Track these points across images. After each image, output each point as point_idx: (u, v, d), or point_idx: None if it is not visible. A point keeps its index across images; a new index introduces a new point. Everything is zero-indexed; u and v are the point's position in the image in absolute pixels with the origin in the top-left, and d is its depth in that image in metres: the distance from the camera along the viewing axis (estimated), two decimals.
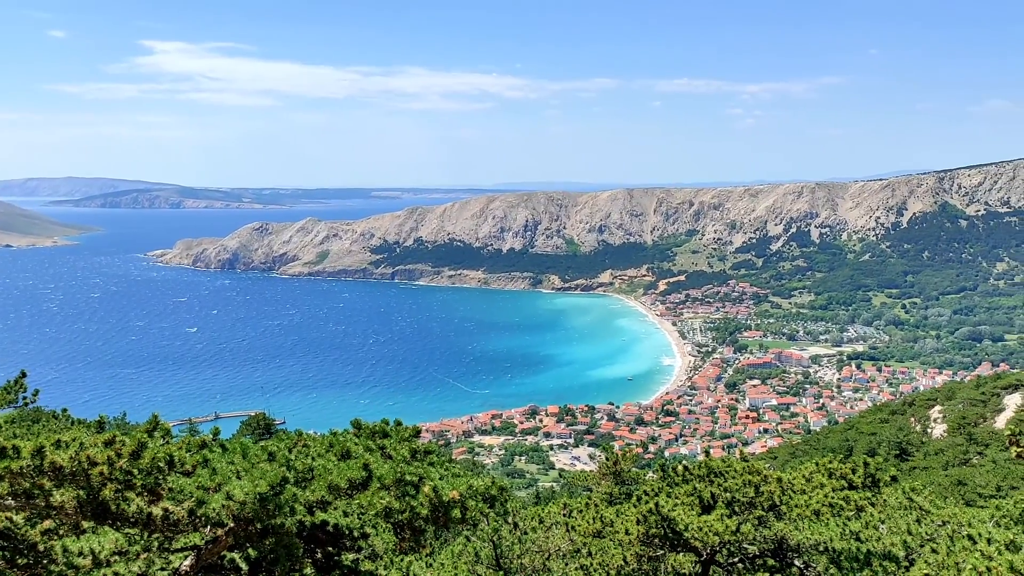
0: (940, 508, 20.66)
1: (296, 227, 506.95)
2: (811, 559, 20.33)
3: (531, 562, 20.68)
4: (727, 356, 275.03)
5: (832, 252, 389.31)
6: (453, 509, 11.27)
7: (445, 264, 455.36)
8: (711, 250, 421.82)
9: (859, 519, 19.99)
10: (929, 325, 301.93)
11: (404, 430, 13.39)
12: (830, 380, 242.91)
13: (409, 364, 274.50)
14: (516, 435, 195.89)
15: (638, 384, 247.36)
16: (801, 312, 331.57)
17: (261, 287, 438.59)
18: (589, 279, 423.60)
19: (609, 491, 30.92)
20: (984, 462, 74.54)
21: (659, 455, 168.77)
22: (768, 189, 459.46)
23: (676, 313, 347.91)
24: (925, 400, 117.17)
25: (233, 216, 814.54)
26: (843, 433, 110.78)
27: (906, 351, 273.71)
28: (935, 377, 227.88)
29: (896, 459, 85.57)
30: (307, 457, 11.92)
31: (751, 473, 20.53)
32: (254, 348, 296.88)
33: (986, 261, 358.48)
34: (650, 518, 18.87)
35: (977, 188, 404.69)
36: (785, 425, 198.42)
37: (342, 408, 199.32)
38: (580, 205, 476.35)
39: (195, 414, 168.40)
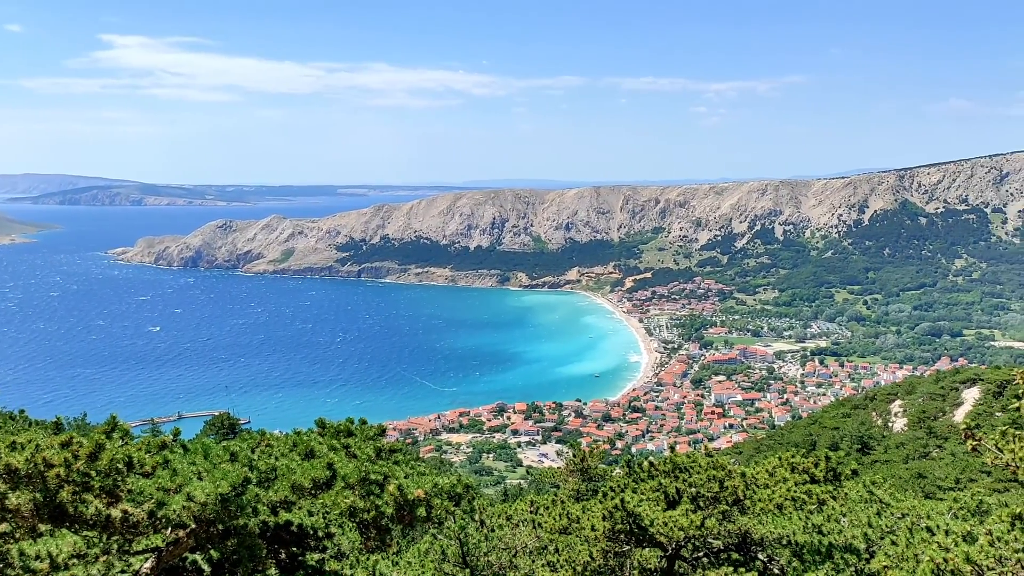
0: (900, 501, 21.01)
1: (261, 224, 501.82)
2: (774, 552, 20.57)
3: (498, 559, 20.69)
4: (693, 352, 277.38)
5: (796, 249, 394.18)
6: (419, 507, 11.22)
7: (412, 262, 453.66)
8: (677, 247, 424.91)
9: (821, 512, 20.26)
10: (890, 321, 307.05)
11: (369, 429, 13.31)
12: (794, 376, 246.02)
13: (376, 362, 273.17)
14: (484, 433, 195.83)
15: (605, 381, 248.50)
16: (765, 309, 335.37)
17: (225, 285, 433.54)
18: (556, 276, 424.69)
19: (576, 487, 31.05)
20: (943, 455, 75.98)
21: (626, 451, 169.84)
22: (733, 187, 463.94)
23: (643, 310, 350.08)
24: (886, 395, 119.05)
25: (196, 213, 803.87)
26: (806, 428, 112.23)
27: (868, 346, 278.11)
28: (896, 372, 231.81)
29: (858, 453, 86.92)
30: (270, 457, 11.80)
31: (715, 468, 20.71)
32: (219, 347, 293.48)
33: (945, 258, 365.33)
34: (616, 514, 18.96)
35: (936, 186, 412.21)
36: (750, 420, 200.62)
37: (309, 407, 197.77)
38: (547, 203, 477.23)
39: (158, 414, 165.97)
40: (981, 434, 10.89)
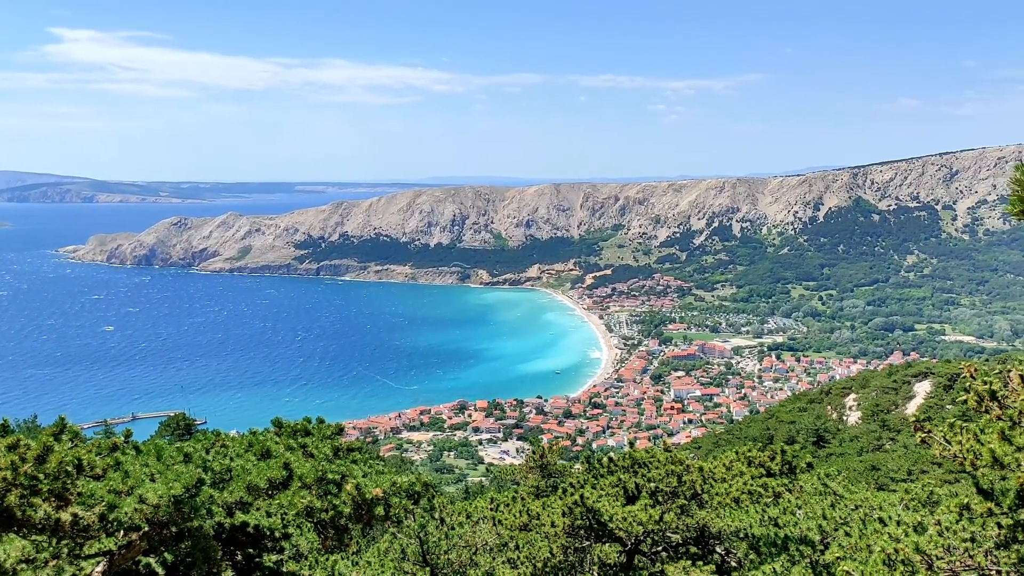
0: (853, 493, 21.39)
1: (216, 222, 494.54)
2: (732, 545, 20.82)
3: (458, 557, 20.66)
4: (653, 348, 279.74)
5: (753, 246, 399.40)
6: (377, 506, 11.14)
7: (372, 259, 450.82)
8: (636, 244, 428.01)
9: (777, 505, 20.55)
10: (844, 316, 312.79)
11: (326, 428, 13.19)
12: (751, 371, 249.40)
13: (337, 361, 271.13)
14: (445, 431, 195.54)
15: (566, 377, 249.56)
16: (724, 305, 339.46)
17: (181, 284, 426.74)
18: (517, 273, 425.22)
19: (536, 484, 31.12)
20: (896, 448, 77.64)
21: (587, 447, 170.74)
22: (691, 184, 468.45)
23: (603, 307, 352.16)
24: (841, 389, 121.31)
25: (150, 211, 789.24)
26: (764, 422, 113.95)
27: (823, 341, 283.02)
28: (850, 366, 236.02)
29: (814, 446, 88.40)
30: (225, 458, 11.63)
31: (674, 463, 20.89)
32: (175, 347, 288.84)
33: (897, 254, 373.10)
34: (575, 510, 19.04)
35: (888, 184, 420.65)
36: (709, 415, 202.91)
37: (268, 407, 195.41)
38: (508, 200, 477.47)
39: (112, 416, 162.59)
40: (930, 426, 11.13)
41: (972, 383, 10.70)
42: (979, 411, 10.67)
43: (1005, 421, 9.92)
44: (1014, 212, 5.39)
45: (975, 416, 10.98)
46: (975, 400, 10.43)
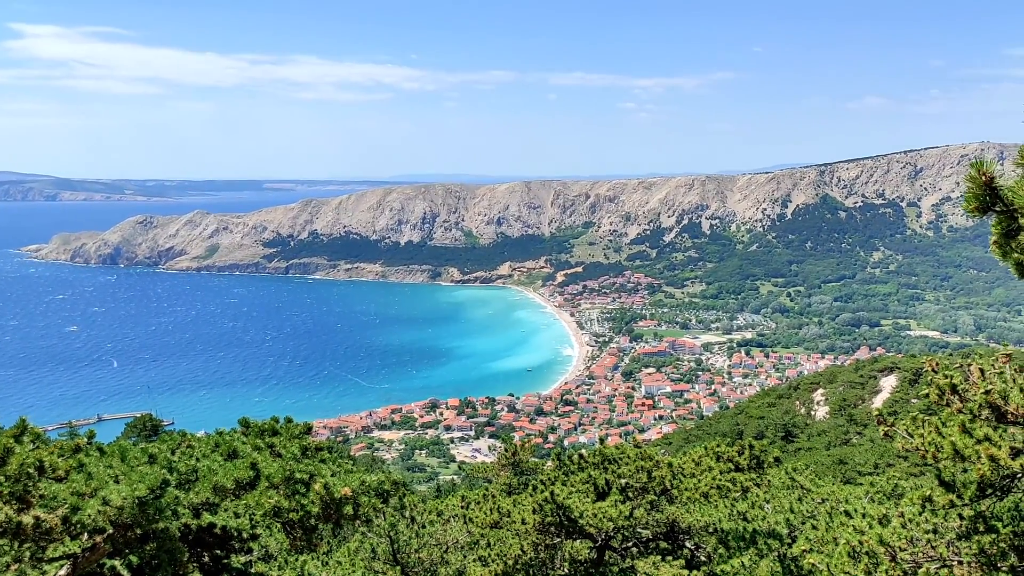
0: (820, 486, 21.68)
1: (183, 220, 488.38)
2: (701, 540, 21.00)
3: (429, 555, 20.62)
4: (623, 345, 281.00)
5: (722, 243, 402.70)
6: (345, 506, 11.08)
7: (342, 257, 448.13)
8: (607, 242, 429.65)
9: (745, 500, 20.77)
10: (812, 312, 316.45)
11: (294, 427, 13.10)
12: (721, 367, 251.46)
13: (307, 360, 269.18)
14: (416, 429, 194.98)
15: (538, 375, 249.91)
16: (693, 301, 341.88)
17: (147, 283, 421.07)
18: (488, 271, 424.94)
19: (507, 481, 31.15)
20: (863, 442, 78.79)
21: (559, 444, 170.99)
22: (661, 182, 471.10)
23: (574, 304, 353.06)
24: (809, 384, 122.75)
25: (115, 209, 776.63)
26: (734, 417, 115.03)
27: (791, 337, 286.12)
28: (818, 361, 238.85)
29: (782, 441, 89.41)
30: (191, 458, 11.50)
31: (644, 459, 21.02)
32: (141, 347, 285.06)
33: (863, 250, 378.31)
34: (546, 507, 19.09)
35: (855, 181, 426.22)
36: (679, 411, 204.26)
37: (237, 407, 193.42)
38: (478, 197, 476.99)
39: (77, 417, 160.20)
40: (892, 420, 11.30)
41: (934, 377, 10.88)
42: (941, 404, 10.84)
43: (966, 414, 10.09)
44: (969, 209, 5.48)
45: (938, 409, 11.16)
46: (936, 394, 10.60)
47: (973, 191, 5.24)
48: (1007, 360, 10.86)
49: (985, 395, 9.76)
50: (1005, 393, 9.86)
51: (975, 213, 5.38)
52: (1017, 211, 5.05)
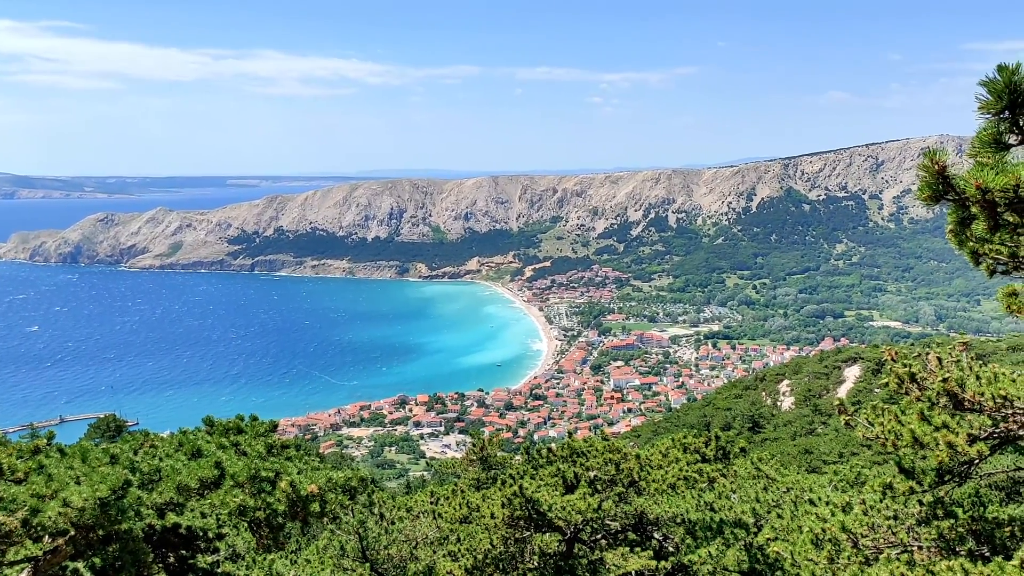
0: (785, 476, 21.97)
1: (145, 217, 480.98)
2: (669, 531, 21.17)
3: (398, 552, 20.57)
4: (592, 339, 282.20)
5: (688, 236, 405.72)
6: (312, 503, 11.01)
7: (308, 254, 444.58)
8: (575, 236, 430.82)
9: (712, 490, 20.98)
10: (777, 304, 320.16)
11: (260, 425, 12.98)
12: (689, 359, 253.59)
13: (274, 358, 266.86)
14: (386, 426, 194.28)
15: (507, 369, 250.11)
16: (661, 295, 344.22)
17: (109, 281, 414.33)
18: (456, 266, 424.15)
19: (477, 476, 31.15)
20: (828, 431, 79.93)
21: (528, 438, 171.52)
22: (628, 176, 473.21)
23: (542, 298, 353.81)
24: (775, 375, 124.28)
25: (75, 207, 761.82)
26: (701, 409, 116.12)
27: (757, 329, 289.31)
28: (784, 353, 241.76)
29: (749, 431, 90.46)
30: (154, 458, 11.35)
31: (612, 452, 21.12)
32: (104, 346, 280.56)
33: (827, 243, 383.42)
34: (515, 500, 19.12)
35: (818, 174, 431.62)
36: (648, 404, 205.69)
37: (204, 406, 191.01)
38: (446, 192, 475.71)
39: (38, 419, 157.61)
40: (853, 409, 11.48)
41: (893, 366, 11.06)
42: (900, 393, 11.03)
43: (924, 402, 10.28)
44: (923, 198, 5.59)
45: (898, 398, 11.36)
46: (896, 382, 10.78)
47: (926, 180, 5.34)
48: (964, 349, 11.08)
49: (943, 383, 9.95)
50: (962, 381, 10.06)
51: (928, 201, 5.48)
52: (968, 199, 5.15)
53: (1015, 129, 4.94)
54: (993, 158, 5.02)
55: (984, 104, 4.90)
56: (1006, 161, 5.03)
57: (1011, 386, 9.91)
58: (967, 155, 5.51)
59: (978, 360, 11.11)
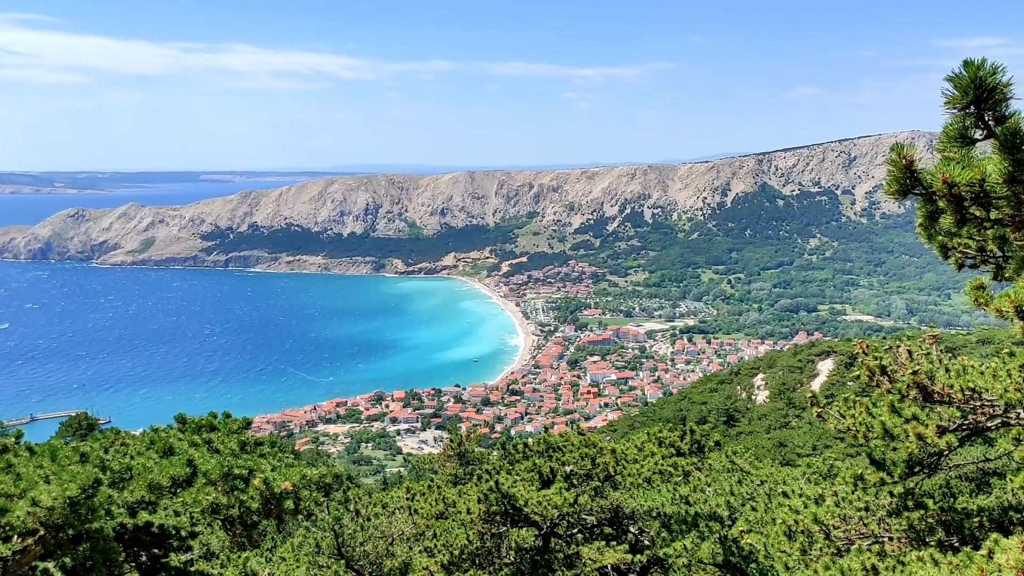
0: (759, 469, 22.16)
1: (117, 213, 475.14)
2: (645, 524, 21.30)
3: (374, 548, 20.51)
4: (569, 334, 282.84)
5: (664, 231, 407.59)
6: (286, 500, 10.93)
7: (283, 250, 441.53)
8: (551, 231, 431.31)
9: (687, 483, 21.12)
10: (752, 299, 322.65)
11: (233, 422, 12.88)
12: (664, 354, 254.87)
13: (249, 355, 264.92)
14: (362, 422, 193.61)
15: (484, 365, 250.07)
16: (637, 290, 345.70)
17: (80, 278, 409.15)
18: (433, 262, 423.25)
19: (453, 472, 31.15)
20: (802, 424, 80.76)
21: (505, 434, 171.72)
22: (604, 171, 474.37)
23: (519, 294, 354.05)
24: (749, 369, 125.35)
25: (44, 202, 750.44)
26: (677, 403, 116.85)
27: (732, 324, 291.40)
28: (758, 347, 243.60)
29: (724, 425, 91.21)
30: (125, 456, 11.22)
31: (588, 446, 21.19)
32: (77, 343, 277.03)
33: (800, 237, 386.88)
34: (491, 496, 19.14)
35: (792, 169, 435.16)
36: (624, 399, 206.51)
37: (178, 404, 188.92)
38: (422, 188, 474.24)
39: (8, 417, 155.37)
40: (825, 402, 11.60)
41: (865, 359, 11.18)
42: (872, 386, 11.15)
43: (895, 394, 10.40)
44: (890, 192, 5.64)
45: (869, 391, 11.48)
46: (867, 375, 10.90)
47: (894, 175, 5.39)
48: (934, 342, 11.23)
49: (913, 376, 10.07)
50: (932, 373, 10.19)
51: (896, 196, 5.54)
52: (935, 194, 5.21)
53: (980, 124, 5.00)
54: (959, 153, 5.08)
55: (950, 99, 4.96)
56: (972, 156, 5.09)
57: (980, 378, 10.05)
58: (935, 150, 5.56)
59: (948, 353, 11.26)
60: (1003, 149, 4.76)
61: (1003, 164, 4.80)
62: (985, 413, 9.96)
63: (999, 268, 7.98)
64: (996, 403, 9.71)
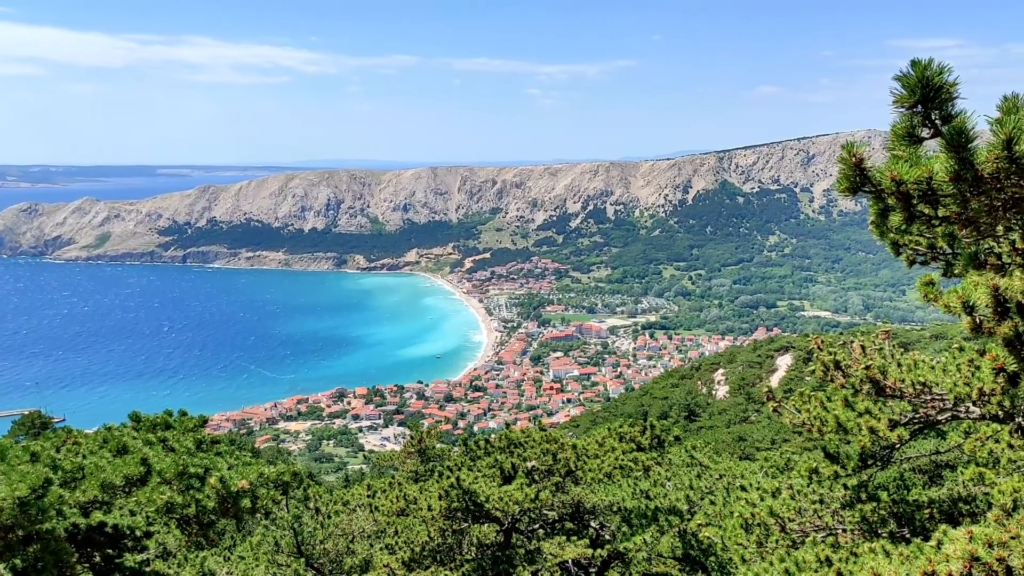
0: (717, 463, 22.42)
1: (71, 207, 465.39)
2: (606, 519, 21.44)
3: (334, 546, 20.39)
4: (532, 330, 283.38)
5: (626, 228, 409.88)
6: (243, 499, 10.82)
7: (243, 245, 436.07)
8: (514, 228, 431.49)
9: (647, 478, 21.30)
10: (712, 295, 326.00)
11: (189, 420, 12.70)
12: (627, 350, 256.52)
13: (209, 351, 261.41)
14: (324, 419, 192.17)
15: (447, 361, 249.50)
16: (599, 286, 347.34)
17: (34, 273, 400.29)
18: (395, 258, 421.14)
19: (415, 469, 31.08)
20: (761, 418, 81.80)
21: (468, 430, 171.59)
22: (567, 168, 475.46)
23: (482, 290, 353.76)
24: (710, 364, 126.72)
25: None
26: (639, 399, 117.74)
27: (693, 319, 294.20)
28: (719, 343, 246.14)
29: (686, 420, 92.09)
30: (77, 455, 11.01)
31: (549, 442, 21.26)
32: (31, 341, 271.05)
33: (760, 234, 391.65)
34: (452, 492, 19.12)
35: (752, 167, 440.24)
36: (587, 394, 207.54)
37: (136, 402, 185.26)
38: (384, 183, 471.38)
39: None
40: (781, 396, 11.76)
41: (820, 355, 11.36)
42: (827, 380, 11.33)
43: (848, 389, 10.58)
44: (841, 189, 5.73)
45: (825, 385, 11.67)
46: (822, 370, 11.08)
47: (845, 172, 5.47)
48: (886, 337, 11.44)
49: (866, 370, 10.25)
50: (884, 368, 10.37)
51: (846, 193, 5.63)
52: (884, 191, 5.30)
53: (927, 123, 5.10)
54: (907, 151, 5.18)
55: (898, 98, 5.05)
56: (920, 154, 5.19)
57: (930, 373, 10.26)
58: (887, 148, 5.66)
59: (901, 348, 11.48)
60: (949, 148, 4.87)
61: (949, 162, 4.90)
62: (935, 407, 10.18)
63: (949, 265, 8.17)
64: (946, 397, 9.92)
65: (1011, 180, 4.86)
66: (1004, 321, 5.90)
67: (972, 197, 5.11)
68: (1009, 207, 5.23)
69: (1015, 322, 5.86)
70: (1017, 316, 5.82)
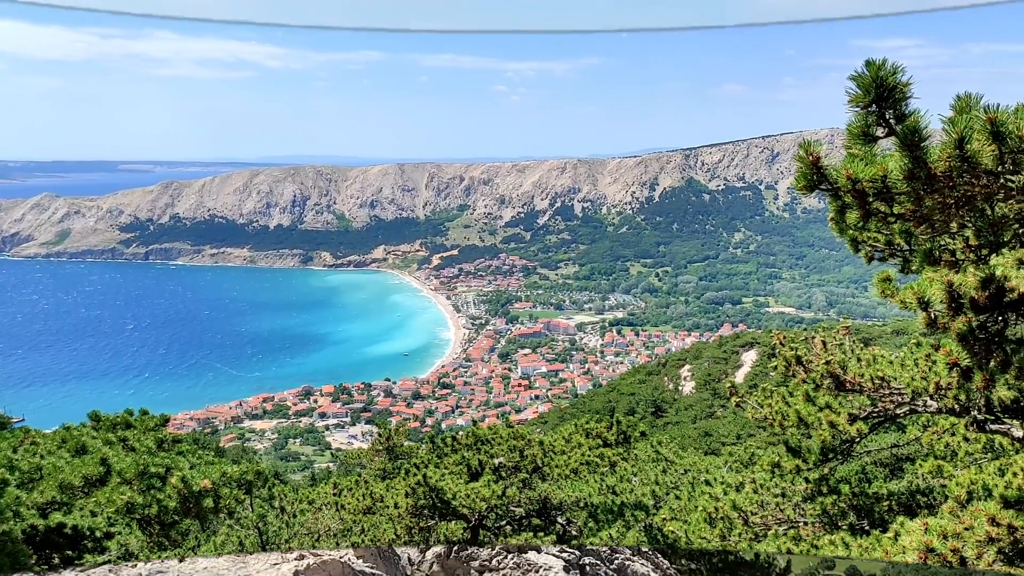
0: (683, 458, 22.63)
1: (30, 204, 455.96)
2: (572, 515, 21.54)
3: (300, 545, 20.24)
4: (500, 328, 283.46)
5: (594, 225, 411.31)
6: (205, 499, 10.72)
7: (207, 242, 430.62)
8: (482, 224, 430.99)
9: (614, 474, 21.44)
10: (679, 292, 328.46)
11: (150, 420, 12.55)
12: (594, 346, 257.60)
13: (173, 350, 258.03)
14: (290, 418, 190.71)
15: (415, 359, 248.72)
16: (567, 283, 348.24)
17: None
18: (362, 255, 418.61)
19: (382, 467, 30.96)
20: (726, 414, 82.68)
21: (436, 427, 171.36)
22: (534, 165, 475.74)
23: (450, 287, 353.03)
24: (676, 360, 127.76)
25: None
26: (606, 395, 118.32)
27: (660, 316, 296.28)
28: (685, 339, 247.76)
29: (652, 416, 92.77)
30: (35, 456, 10.83)
31: (516, 438, 21.32)
32: None
33: (726, 232, 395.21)
34: (419, 490, 19.10)
35: (717, 165, 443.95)
36: (555, 391, 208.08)
37: (98, 402, 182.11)
38: (351, 180, 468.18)
39: None
40: (743, 392, 11.90)
41: (782, 350, 11.52)
42: (789, 376, 11.49)
43: (809, 384, 10.74)
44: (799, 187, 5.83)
45: (788, 381, 11.83)
46: (784, 366, 11.23)
47: (802, 170, 5.56)
48: (847, 332, 11.63)
49: (826, 365, 10.41)
50: (844, 363, 10.54)
51: (804, 191, 5.72)
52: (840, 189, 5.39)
53: (882, 122, 5.19)
54: (863, 150, 5.27)
55: (853, 98, 5.13)
56: (875, 153, 5.29)
57: (888, 368, 10.44)
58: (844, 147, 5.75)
59: (862, 343, 11.67)
60: (903, 146, 4.96)
61: (903, 161, 5.00)
62: (894, 401, 10.36)
63: (906, 261, 8.31)
64: (904, 391, 10.10)
65: (963, 178, 4.97)
66: (958, 316, 6.02)
67: (926, 195, 5.21)
68: (962, 205, 5.35)
69: (968, 317, 5.99)
70: (971, 311, 5.95)
